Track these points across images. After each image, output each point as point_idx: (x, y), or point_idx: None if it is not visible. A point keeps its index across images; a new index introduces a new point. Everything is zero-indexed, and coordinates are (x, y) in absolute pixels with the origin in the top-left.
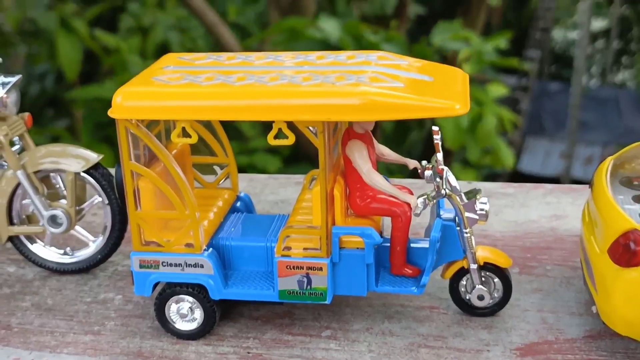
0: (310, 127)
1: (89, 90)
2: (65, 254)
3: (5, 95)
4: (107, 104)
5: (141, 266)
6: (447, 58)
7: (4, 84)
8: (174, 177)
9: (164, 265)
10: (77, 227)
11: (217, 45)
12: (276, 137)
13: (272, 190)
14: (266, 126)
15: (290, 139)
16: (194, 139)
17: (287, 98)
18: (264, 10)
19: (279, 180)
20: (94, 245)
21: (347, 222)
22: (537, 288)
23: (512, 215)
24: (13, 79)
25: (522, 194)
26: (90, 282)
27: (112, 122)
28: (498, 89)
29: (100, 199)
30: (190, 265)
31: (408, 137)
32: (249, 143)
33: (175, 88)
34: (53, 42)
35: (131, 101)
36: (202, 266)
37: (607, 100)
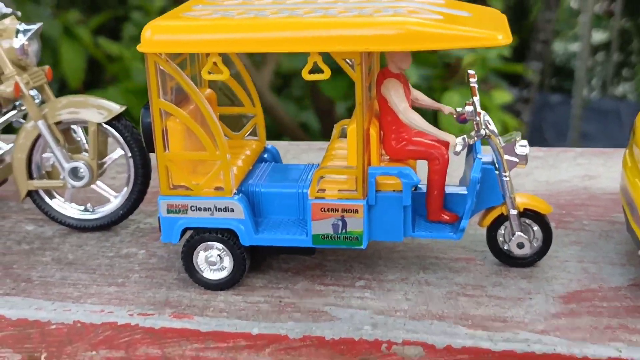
0: (347, 60)
1: None
2: (86, 210)
3: (26, 43)
4: None
5: (169, 211)
6: (450, 65)
7: (25, 31)
8: (205, 117)
9: (193, 210)
10: (99, 182)
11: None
12: (311, 72)
13: (295, 155)
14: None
15: (326, 73)
16: (225, 75)
17: (324, 29)
18: None
19: (300, 146)
20: (115, 200)
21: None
22: (575, 241)
23: (544, 176)
24: (34, 27)
25: (552, 156)
26: (111, 238)
27: None
28: (502, 96)
29: (122, 153)
30: (220, 209)
31: None
32: None
33: (207, 21)
34: (57, 50)
35: (161, 35)
36: (232, 210)
37: (609, 112)
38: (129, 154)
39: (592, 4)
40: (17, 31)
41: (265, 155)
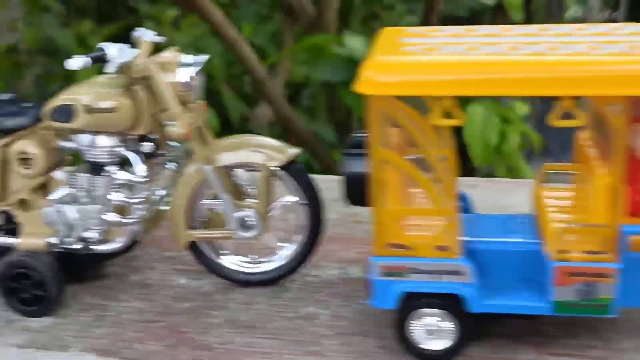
0: (610, 106)
1: None
2: (252, 262)
3: (194, 76)
4: None
5: (386, 274)
6: None
7: (192, 64)
8: (434, 167)
9: (413, 272)
10: None
11: (240, 62)
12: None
13: None
14: None
15: (581, 119)
16: (462, 120)
17: (589, 68)
18: (278, 29)
19: None
20: (287, 252)
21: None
22: None
23: None
24: (200, 59)
25: None
26: (282, 294)
27: None
28: (521, 108)
29: (294, 199)
30: (445, 272)
31: None
32: None
33: (446, 57)
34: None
35: (389, 75)
36: (459, 273)
37: None
38: (304, 201)
39: (596, 13)
40: (180, 64)
41: (461, 204)
